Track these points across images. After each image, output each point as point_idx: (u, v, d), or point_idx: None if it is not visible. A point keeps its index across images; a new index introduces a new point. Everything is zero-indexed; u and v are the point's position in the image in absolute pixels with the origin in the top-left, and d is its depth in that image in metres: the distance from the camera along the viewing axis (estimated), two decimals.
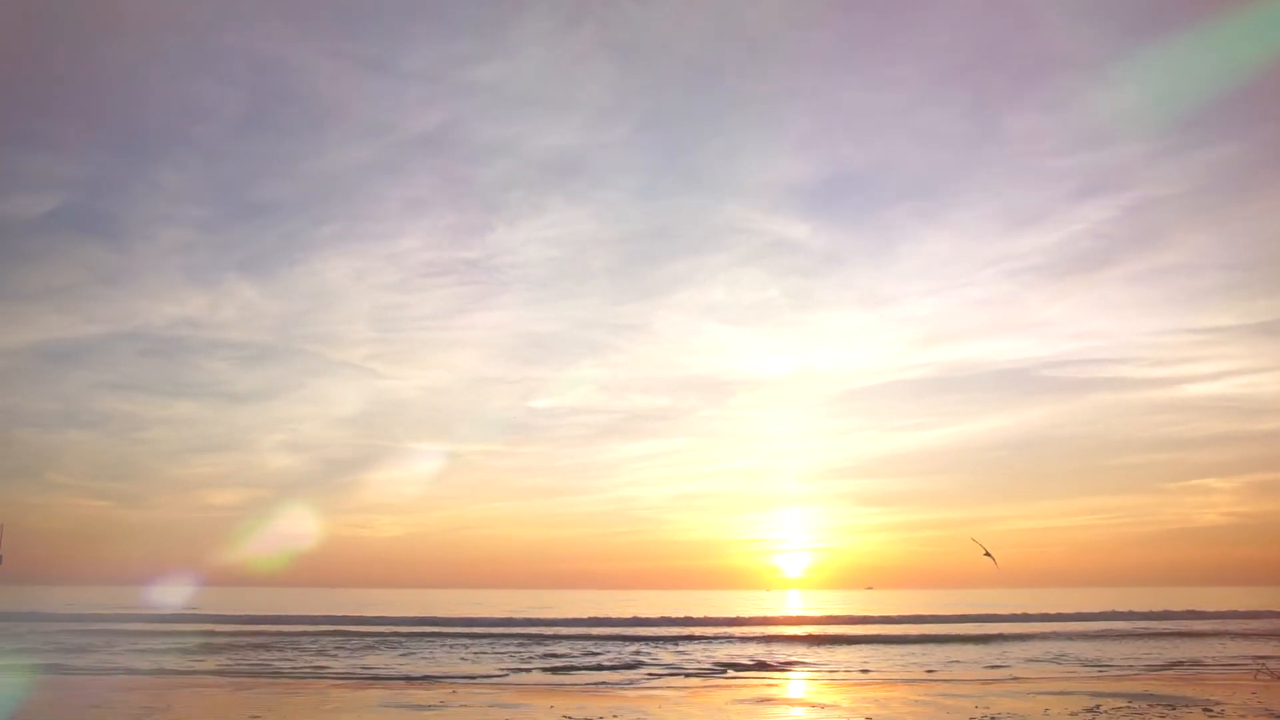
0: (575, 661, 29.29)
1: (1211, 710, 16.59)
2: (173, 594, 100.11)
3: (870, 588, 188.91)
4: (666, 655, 31.47)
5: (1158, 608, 63.65)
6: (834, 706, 17.67)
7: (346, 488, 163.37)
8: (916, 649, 34.40)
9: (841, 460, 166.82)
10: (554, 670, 26.52)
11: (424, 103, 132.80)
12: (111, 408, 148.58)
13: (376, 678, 23.89)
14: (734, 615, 59.77)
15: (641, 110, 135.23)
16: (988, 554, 18.98)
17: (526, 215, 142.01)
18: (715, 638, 40.16)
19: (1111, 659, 29.76)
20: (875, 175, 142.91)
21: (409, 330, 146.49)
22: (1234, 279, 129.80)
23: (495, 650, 33.23)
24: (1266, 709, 16.82)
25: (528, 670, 26.54)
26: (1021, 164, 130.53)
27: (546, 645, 35.50)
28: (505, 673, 25.67)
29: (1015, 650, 33.36)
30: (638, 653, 32.51)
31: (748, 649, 34.30)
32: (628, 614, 61.14)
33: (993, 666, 27.47)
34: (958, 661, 29.37)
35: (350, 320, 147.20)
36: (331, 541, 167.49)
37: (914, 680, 23.50)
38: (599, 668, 27.39)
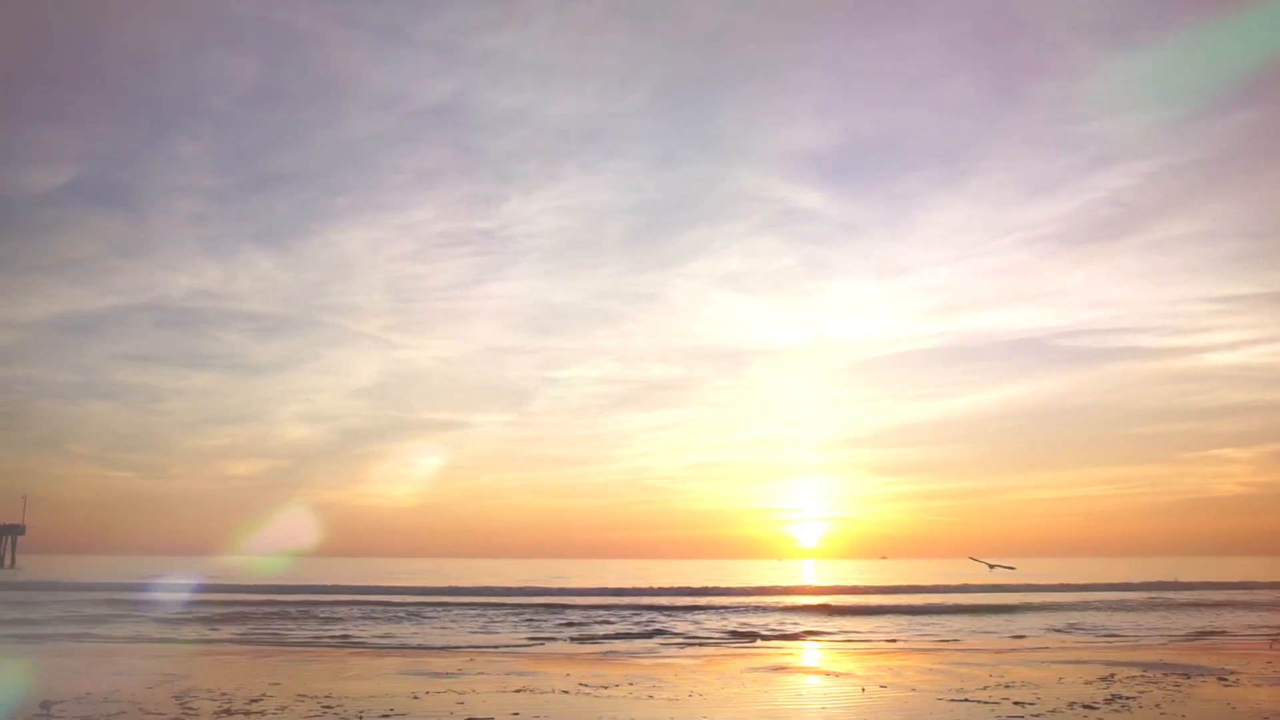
0: (591, 630, 29.48)
1: (1227, 679, 16.57)
2: (192, 564, 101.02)
3: (884, 557, 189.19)
4: (681, 624, 31.64)
5: (1174, 578, 63.54)
6: (849, 675, 17.74)
7: (363, 458, 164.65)
8: (931, 618, 34.48)
9: (857, 430, 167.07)
10: (570, 639, 26.70)
11: (437, 72, 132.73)
12: (130, 379, 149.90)
13: (394, 646, 24.10)
14: (749, 585, 59.97)
15: (656, 78, 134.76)
16: (993, 566, 18.91)
17: (541, 185, 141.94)
18: (730, 607, 40.33)
19: (1126, 629, 29.77)
20: (892, 143, 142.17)
21: (424, 301, 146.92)
22: (1254, 247, 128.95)
23: (511, 619, 33.47)
24: None
25: (544, 639, 26.73)
26: (1040, 131, 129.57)
27: (562, 614, 35.74)
28: (522, 642, 25.86)
29: (1030, 620, 33.39)
30: (653, 621, 32.69)
31: (762, 618, 34.45)
32: (643, 583, 61.43)
33: (1007, 636, 27.53)
34: (972, 630, 29.43)
35: (366, 291, 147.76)
36: (348, 511, 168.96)
37: (929, 649, 23.56)
38: (615, 636, 27.56)
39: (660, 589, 55.09)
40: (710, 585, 58.71)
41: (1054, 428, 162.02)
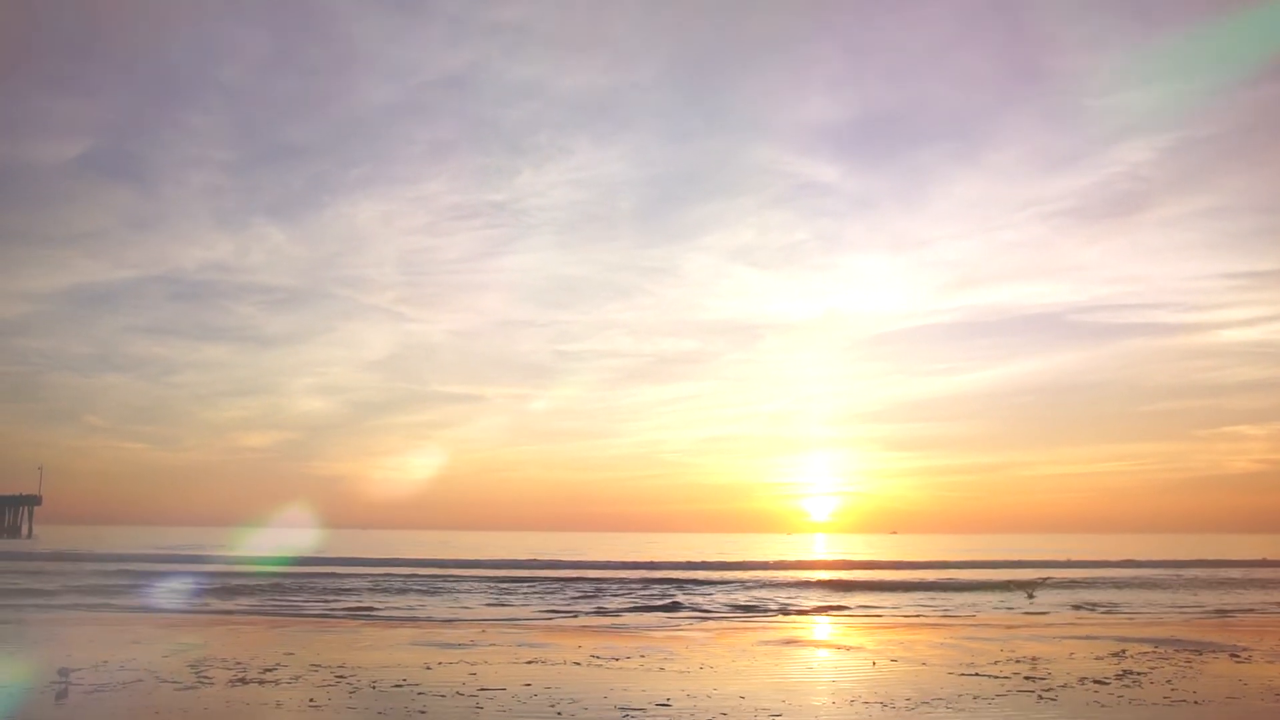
0: (603, 603, 29.61)
1: (1239, 655, 16.56)
2: (206, 534, 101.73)
3: (895, 532, 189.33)
4: (693, 597, 31.76)
5: (1188, 555, 63.48)
6: (859, 648, 17.78)
7: (375, 431, 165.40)
8: (942, 594, 34.51)
9: (869, 405, 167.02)
10: (581, 612, 26.83)
11: (450, 43, 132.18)
12: (144, 351, 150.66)
13: (407, 618, 24.26)
14: (760, 559, 60.15)
15: (669, 50, 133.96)
16: (1032, 595, 18.96)
17: (553, 158, 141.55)
18: (741, 581, 40.44)
19: (1139, 605, 29.74)
20: (907, 116, 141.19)
21: (437, 274, 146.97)
22: (1273, 222, 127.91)
23: (523, 591, 33.64)
24: None
25: (555, 611, 26.86)
26: (1057, 104, 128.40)
27: (574, 587, 35.89)
28: (534, 614, 25.99)
29: (1042, 596, 33.37)
30: (665, 594, 32.81)
31: (773, 592, 34.53)
32: (655, 557, 61.65)
33: (1019, 611, 27.54)
34: (983, 606, 29.45)
35: (378, 264, 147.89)
36: (360, 483, 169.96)
37: (940, 624, 23.59)
38: (626, 610, 27.68)
39: (672, 563, 55.27)
40: (722, 559, 58.91)
41: (1068, 404, 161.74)
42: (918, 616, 26.01)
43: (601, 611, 26.96)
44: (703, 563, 55.55)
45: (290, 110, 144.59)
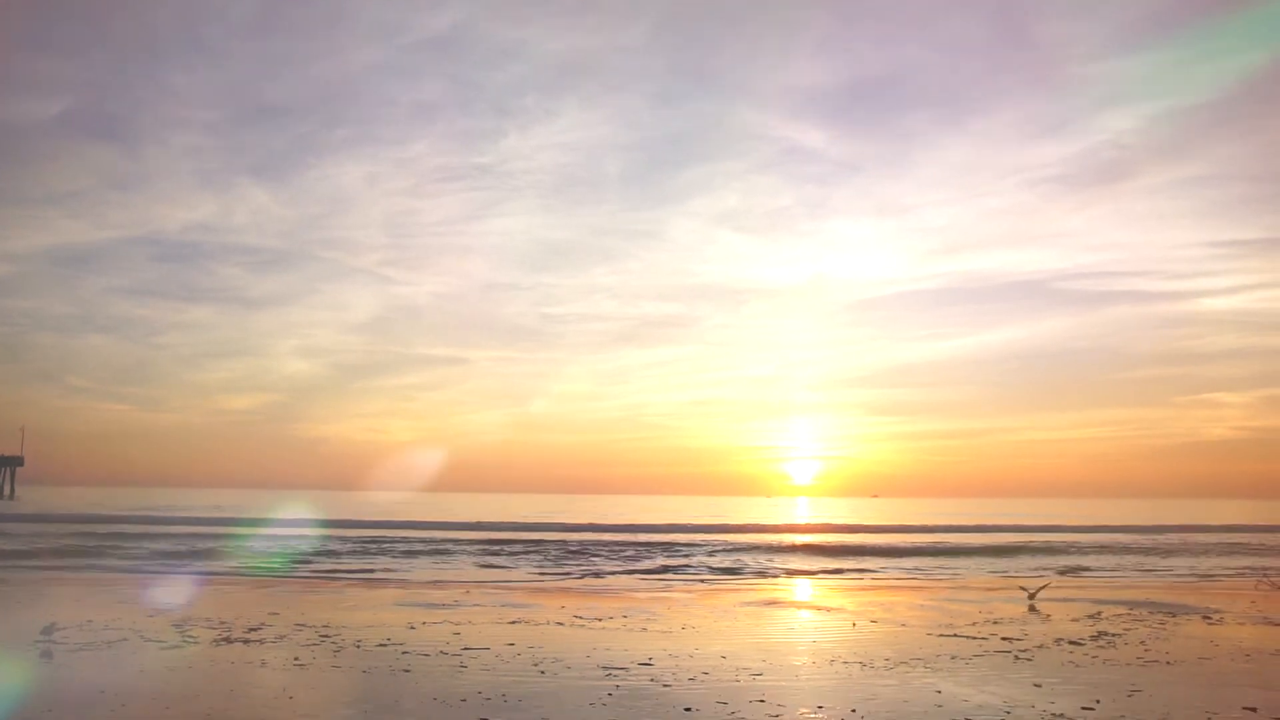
0: (586, 565, 29.79)
1: (1211, 618, 16.83)
2: (190, 496, 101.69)
3: (876, 496, 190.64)
4: (675, 559, 31.97)
5: (1165, 520, 64.18)
6: (840, 610, 17.99)
7: (359, 393, 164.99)
8: (923, 557, 34.85)
9: (854, 369, 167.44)
10: (565, 573, 26.99)
11: (436, 4, 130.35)
12: (128, 312, 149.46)
13: (391, 579, 24.36)
14: (743, 522, 60.50)
15: (656, 12, 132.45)
16: (1032, 598, 19.22)
17: (539, 120, 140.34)
18: (724, 543, 40.69)
19: (1117, 569, 30.12)
20: (895, 81, 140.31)
21: (422, 236, 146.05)
22: (1258, 191, 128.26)
23: (507, 553, 33.79)
24: (1265, 617, 17.05)
25: (539, 573, 27.02)
26: (1045, 71, 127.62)
27: (558, 549, 36.06)
28: (517, 576, 26.14)
29: (1022, 559, 33.78)
30: (648, 557, 33.03)
31: (755, 554, 34.78)
32: (638, 519, 61.97)
33: (997, 574, 27.88)
34: (963, 569, 29.79)
35: (363, 226, 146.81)
36: (344, 445, 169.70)
37: (920, 586, 23.86)
38: (609, 571, 27.86)
39: (655, 525, 55.57)
40: (705, 522, 59.25)
41: (1051, 370, 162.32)
42: (898, 579, 26.30)
43: (584, 573, 27.13)
44: (685, 525, 55.86)
45: (274, 70, 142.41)
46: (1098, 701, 9.45)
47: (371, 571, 26.28)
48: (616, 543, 40.48)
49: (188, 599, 18.16)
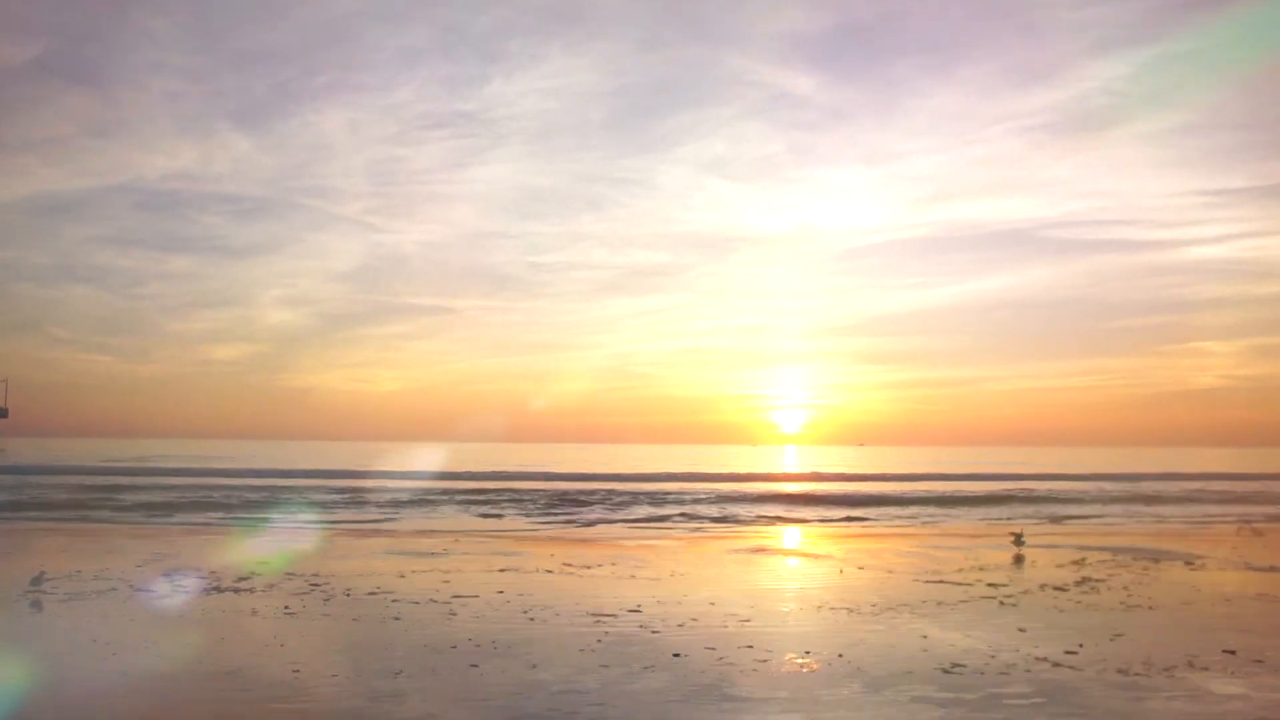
0: (574, 514, 29.93)
1: (1192, 563, 17.03)
2: (177, 447, 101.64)
3: (861, 444, 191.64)
4: (663, 508, 32.13)
5: (1151, 469, 64.71)
6: (827, 557, 18.13)
7: (345, 343, 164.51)
8: (910, 505, 35.10)
9: (841, 318, 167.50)
10: (553, 522, 27.12)
11: None
12: (109, 262, 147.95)
13: (379, 528, 24.43)
14: (730, 471, 60.81)
15: None
16: (1020, 546, 19.28)
17: (525, 66, 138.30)
18: (712, 492, 40.88)
19: (1102, 516, 30.42)
20: (884, 27, 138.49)
21: (406, 184, 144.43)
22: (1249, 139, 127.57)
23: (495, 502, 33.90)
24: (1246, 562, 17.26)
25: (528, 521, 27.15)
26: (1036, 17, 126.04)
27: (546, 497, 36.19)
28: (505, 524, 26.25)
29: (1008, 508, 34.06)
30: (635, 505, 33.20)
31: (743, 503, 34.98)
32: (626, 468, 62.20)
33: (983, 521, 28.14)
34: (950, 517, 30.04)
35: (346, 174, 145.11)
36: (331, 396, 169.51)
37: (906, 534, 24.07)
38: (597, 520, 28.00)
39: (643, 474, 55.80)
40: (692, 470, 59.50)
41: (1038, 319, 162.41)
42: (885, 526, 26.51)
43: (573, 522, 27.26)
44: (673, 474, 56.09)
45: (254, 14, 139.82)
46: (1081, 645, 9.56)
47: (360, 521, 26.35)
48: (605, 491, 40.64)
49: (176, 549, 18.18)
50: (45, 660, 8.65)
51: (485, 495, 37.22)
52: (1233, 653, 9.25)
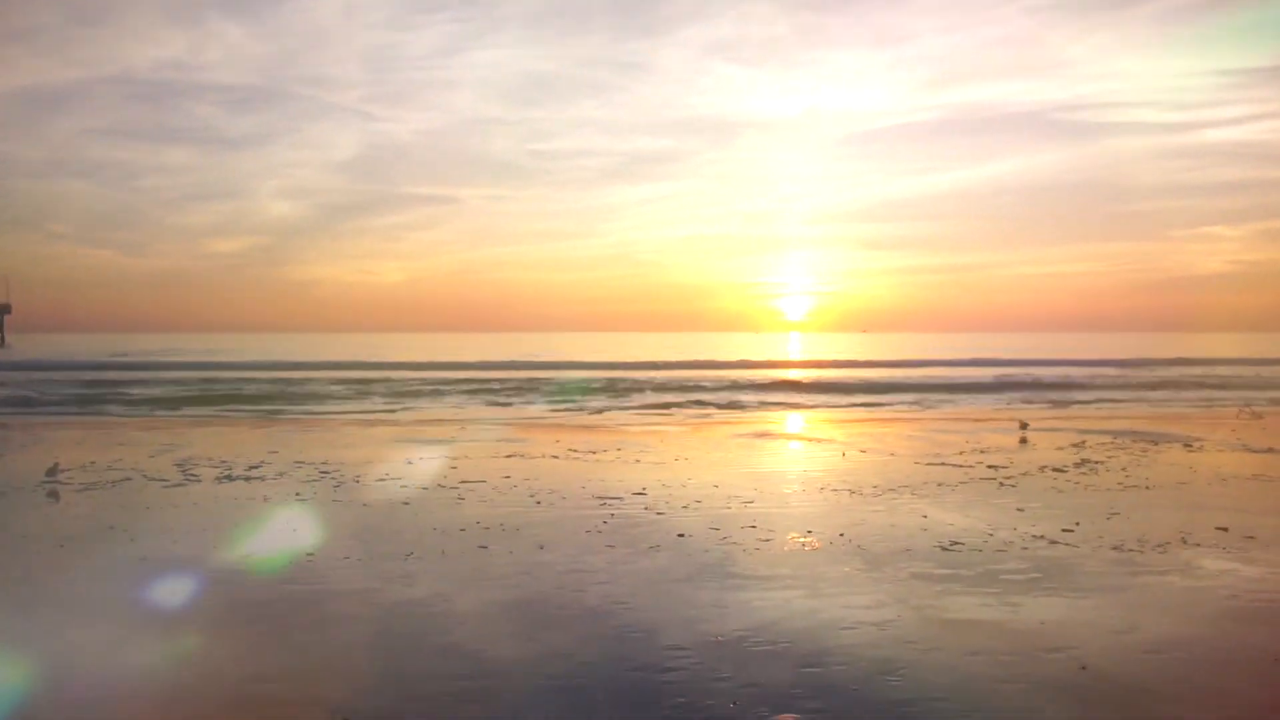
0: (579, 401, 30.20)
1: (1191, 445, 17.23)
2: (181, 341, 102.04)
3: (865, 331, 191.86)
4: (667, 395, 32.40)
5: (1156, 354, 64.89)
6: (830, 441, 18.35)
7: (347, 234, 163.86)
8: (913, 391, 35.35)
9: (847, 204, 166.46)
10: (558, 410, 27.38)
11: None
12: (104, 155, 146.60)
13: (386, 418, 24.70)
14: (735, 358, 61.10)
15: None
16: (1023, 429, 19.32)
17: None
18: (716, 379, 41.15)
19: (1104, 400, 30.68)
20: None
21: (403, 70, 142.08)
22: (1270, 16, 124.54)
23: (500, 391, 34.18)
24: (1244, 444, 17.46)
25: (533, 409, 27.42)
26: None
27: (550, 386, 36.48)
28: (511, 413, 26.50)
29: (1011, 393, 34.31)
30: (639, 392, 33.48)
31: (747, 390, 35.24)
32: (629, 356, 62.50)
33: (987, 406, 28.39)
34: (952, 402, 30.30)
35: (341, 61, 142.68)
36: (334, 288, 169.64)
37: (909, 419, 24.30)
38: (603, 407, 28.26)
39: (646, 362, 56.10)
40: (697, 358, 59.81)
41: (1047, 203, 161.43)
42: (887, 412, 26.76)
43: (577, 409, 27.52)
44: (677, 362, 56.40)
45: None
46: (1077, 524, 9.75)
47: (367, 411, 26.63)
48: (609, 379, 40.93)
49: (187, 440, 18.44)
50: (64, 547, 8.86)
51: (490, 384, 37.52)
52: (1225, 529, 9.44)
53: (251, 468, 14.07)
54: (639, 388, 36.30)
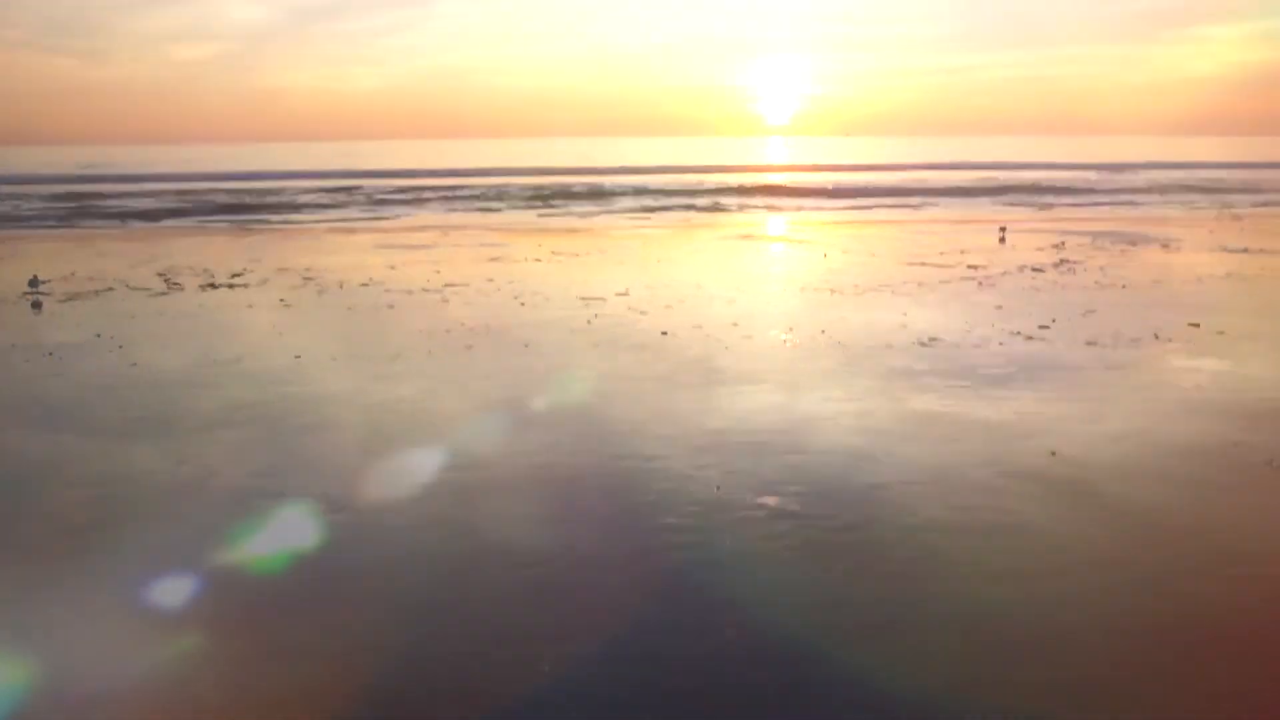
0: (560, 207, 29.96)
1: (1168, 245, 17.37)
2: (150, 154, 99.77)
3: (848, 135, 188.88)
4: (648, 199, 32.14)
5: (1142, 158, 64.31)
6: (813, 243, 18.40)
7: (316, 38, 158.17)
8: (895, 195, 35.16)
9: (829, 3, 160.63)
10: (539, 214, 27.17)
11: None
12: None
13: (367, 225, 24.49)
14: (717, 163, 60.28)
15: None
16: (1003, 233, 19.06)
17: None
18: (698, 184, 40.69)
19: (1086, 203, 30.65)
20: None
21: None
22: None
23: (480, 197, 33.81)
24: (1221, 244, 17.59)
25: (514, 214, 27.22)
26: None
27: (531, 192, 36.05)
28: (493, 218, 26.28)
29: (995, 197, 34.18)
30: (621, 197, 33.19)
31: (729, 194, 34.93)
32: (610, 163, 61.55)
33: (969, 208, 28.35)
34: (934, 204, 30.21)
35: None
36: (304, 96, 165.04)
37: (890, 222, 24.27)
38: (584, 212, 28.04)
39: (629, 167, 55.35)
40: (678, 163, 59.02)
41: (1031, 2, 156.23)
42: (869, 215, 26.68)
43: (559, 214, 27.31)
44: (658, 167, 55.66)
45: None
46: (1054, 320, 9.92)
47: (347, 220, 26.37)
48: (590, 185, 40.47)
49: (168, 250, 18.30)
50: (55, 354, 8.92)
51: (471, 190, 37.10)
52: (1197, 325, 9.63)
53: (234, 276, 14.05)
54: (622, 192, 35.96)
